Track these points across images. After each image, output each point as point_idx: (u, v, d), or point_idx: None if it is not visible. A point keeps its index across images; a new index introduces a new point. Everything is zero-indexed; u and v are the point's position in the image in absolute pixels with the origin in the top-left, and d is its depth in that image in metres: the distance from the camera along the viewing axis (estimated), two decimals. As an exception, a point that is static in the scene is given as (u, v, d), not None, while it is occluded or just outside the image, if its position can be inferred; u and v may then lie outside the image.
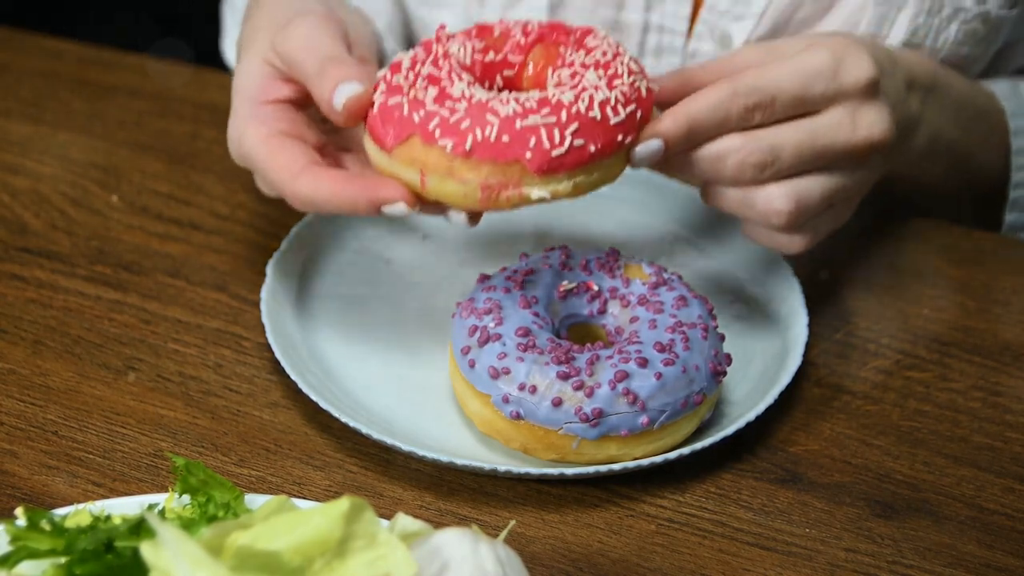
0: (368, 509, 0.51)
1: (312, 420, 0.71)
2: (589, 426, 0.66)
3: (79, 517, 0.57)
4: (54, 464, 0.69)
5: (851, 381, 0.76)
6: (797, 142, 0.71)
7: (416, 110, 0.66)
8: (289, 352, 0.73)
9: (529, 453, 0.68)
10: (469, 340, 0.69)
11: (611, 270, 0.73)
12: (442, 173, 0.66)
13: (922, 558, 0.65)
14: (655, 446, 0.68)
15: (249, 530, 0.50)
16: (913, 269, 0.85)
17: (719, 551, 0.65)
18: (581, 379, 0.66)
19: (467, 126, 0.65)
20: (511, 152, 0.65)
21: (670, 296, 0.71)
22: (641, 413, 0.66)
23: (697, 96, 0.70)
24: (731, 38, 0.91)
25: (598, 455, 0.67)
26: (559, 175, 0.66)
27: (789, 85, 0.71)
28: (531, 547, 0.65)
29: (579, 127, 0.66)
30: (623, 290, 0.72)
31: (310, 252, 0.82)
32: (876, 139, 0.73)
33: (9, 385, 0.74)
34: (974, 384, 0.76)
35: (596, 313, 0.72)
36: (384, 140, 0.68)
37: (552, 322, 0.71)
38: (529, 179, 0.66)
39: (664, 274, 0.72)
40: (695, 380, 0.67)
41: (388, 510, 0.66)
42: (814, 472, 0.70)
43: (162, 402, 0.73)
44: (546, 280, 0.72)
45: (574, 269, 0.73)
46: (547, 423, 0.66)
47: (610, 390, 0.65)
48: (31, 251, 0.83)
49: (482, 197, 0.66)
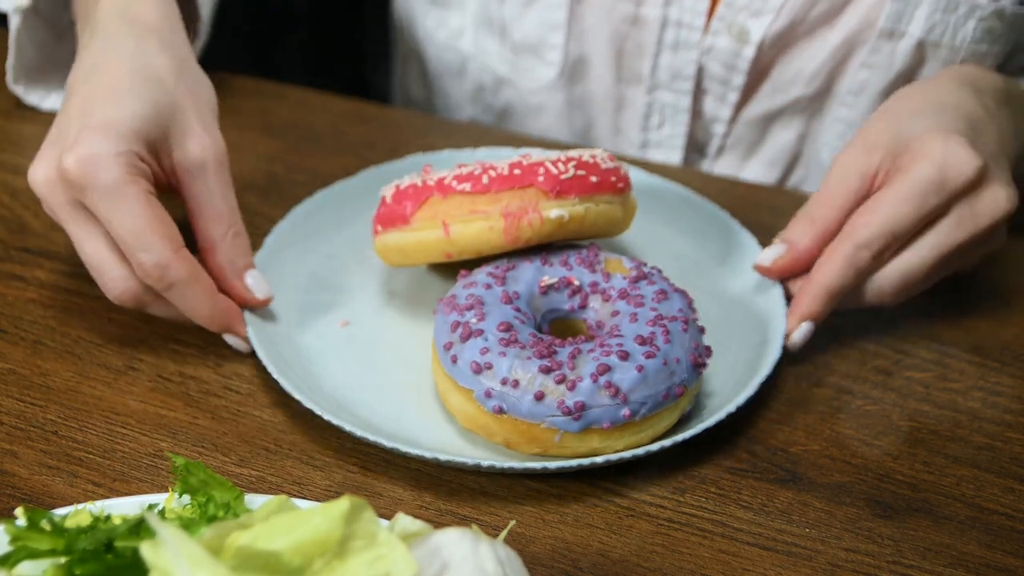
0: (368, 509, 0.51)
1: (312, 420, 0.71)
2: (571, 419, 0.66)
3: (79, 517, 0.57)
4: (54, 464, 0.69)
5: (851, 381, 0.76)
6: (925, 264, 0.75)
7: (428, 181, 0.73)
8: (272, 352, 0.73)
9: (512, 447, 0.68)
10: (451, 336, 0.69)
11: (592, 265, 0.73)
12: (464, 215, 0.71)
13: (922, 558, 0.65)
14: (637, 438, 0.68)
15: (249, 530, 0.50)
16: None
17: (719, 551, 0.66)
18: (563, 373, 0.66)
19: (479, 172, 0.72)
20: (525, 179, 0.72)
21: (651, 290, 0.71)
22: (623, 405, 0.66)
23: (825, 266, 0.75)
24: (748, 33, 0.91)
25: (580, 448, 0.67)
26: (571, 197, 0.72)
27: (904, 216, 0.74)
28: (531, 547, 0.65)
29: (577, 164, 0.73)
30: (604, 284, 0.72)
31: (291, 251, 0.82)
32: (1000, 217, 0.76)
33: (9, 385, 0.74)
34: (974, 384, 0.76)
35: (577, 308, 0.73)
36: (403, 213, 0.73)
37: (534, 317, 0.71)
38: (545, 202, 0.72)
39: (644, 268, 0.73)
40: (676, 372, 0.68)
41: (388, 510, 0.66)
42: (814, 472, 0.70)
43: (162, 402, 0.73)
44: (527, 276, 0.72)
45: (555, 265, 0.73)
46: (529, 417, 0.66)
47: (592, 383, 0.66)
48: (31, 251, 0.83)
49: (506, 225, 0.71)
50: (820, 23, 0.90)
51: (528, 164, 0.72)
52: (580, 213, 0.72)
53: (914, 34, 0.88)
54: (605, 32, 0.96)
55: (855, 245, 0.74)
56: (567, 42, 0.98)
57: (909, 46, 0.89)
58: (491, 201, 0.71)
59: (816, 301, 0.75)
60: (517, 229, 0.71)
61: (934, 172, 0.74)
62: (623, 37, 0.96)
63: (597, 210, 0.73)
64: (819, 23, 0.90)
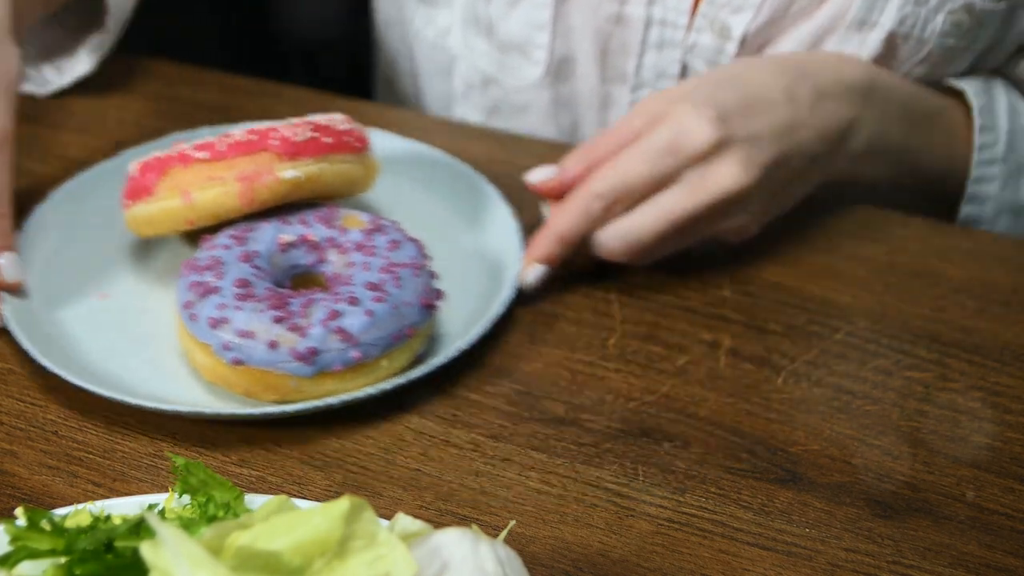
0: (368, 509, 0.51)
1: (312, 420, 0.71)
2: (304, 364, 0.69)
3: (79, 517, 0.57)
4: (54, 464, 0.69)
5: (851, 381, 0.76)
6: (649, 224, 0.79)
7: (172, 152, 0.77)
8: (30, 328, 0.75)
9: (253, 396, 0.71)
10: (190, 295, 0.72)
11: (329, 222, 0.77)
12: (203, 182, 0.75)
13: (922, 558, 0.65)
14: (370, 378, 0.71)
15: (249, 530, 0.50)
16: (913, 269, 0.85)
17: (719, 551, 0.65)
18: (295, 321, 0.69)
19: (216, 140, 0.76)
20: (259, 144, 0.75)
21: (384, 240, 0.75)
22: (353, 348, 0.69)
23: (560, 212, 0.80)
24: (730, 29, 0.91)
25: (317, 391, 0.71)
26: (305, 159, 0.76)
27: (637, 173, 0.79)
28: (531, 547, 0.65)
29: (311, 127, 0.77)
30: (340, 239, 0.76)
31: (52, 232, 0.84)
32: (726, 193, 0.79)
33: (9, 385, 0.74)
34: (974, 384, 0.76)
35: (316, 263, 0.76)
36: (147, 185, 0.76)
37: (274, 274, 0.74)
38: (279, 164, 0.75)
39: (382, 222, 0.77)
40: (406, 315, 0.72)
41: (388, 510, 0.66)
42: (814, 472, 0.70)
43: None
44: (267, 236, 0.75)
45: (293, 224, 0.76)
46: (265, 365, 0.69)
47: (323, 329, 0.69)
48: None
49: (242, 188, 0.75)
50: (800, 16, 0.90)
51: (263, 130, 0.76)
52: (315, 173, 0.76)
53: (885, 25, 0.88)
54: (590, 31, 0.96)
55: (589, 194, 0.79)
56: (552, 41, 0.98)
57: (879, 38, 0.89)
58: (228, 167, 0.75)
59: (548, 245, 0.80)
60: (253, 192, 0.75)
61: (670, 136, 0.79)
62: (608, 36, 0.96)
63: (333, 169, 0.77)
64: (799, 16, 0.90)
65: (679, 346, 0.78)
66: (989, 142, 0.92)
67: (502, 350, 0.77)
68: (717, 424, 0.73)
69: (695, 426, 0.73)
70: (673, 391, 0.75)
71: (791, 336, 0.79)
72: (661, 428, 0.72)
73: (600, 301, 0.81)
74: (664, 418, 0.73)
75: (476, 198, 0.87)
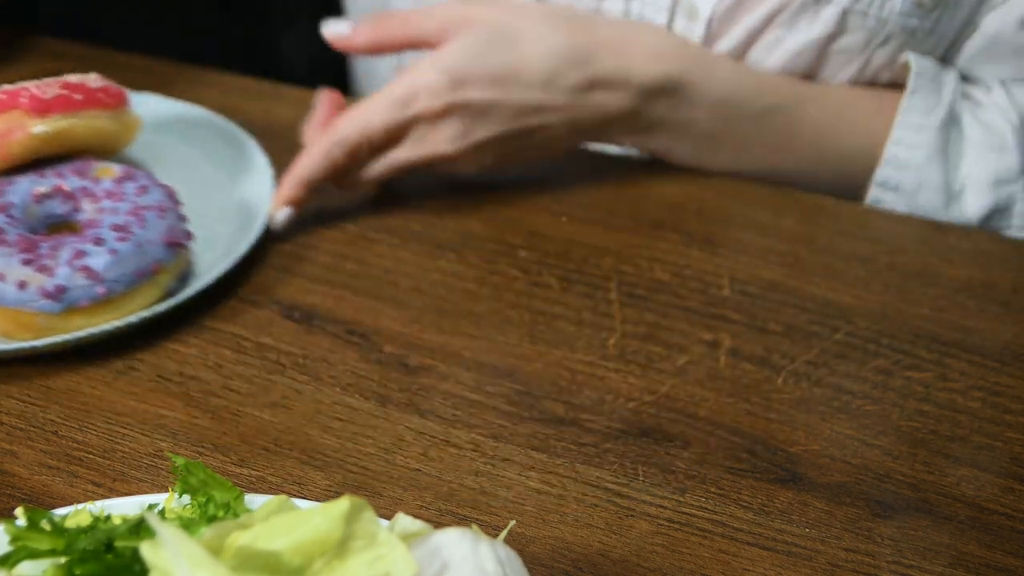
0: (368, 509, 0.51)
1: (312, 420, 0.72)
2: (53, 302, 0.74)
3: (79, 517, 0.57)
4: (54, 464, 0.69)
5: (851, 381, 0.76)
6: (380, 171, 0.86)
7: None
8: None
9: (9, 336, 0.75)
10: None
11: (83, 173, 0.81)
12: None
13: (922, 558, 0.65)
14: (118, 313, 0.76)
15: (249, 530, 0.50)
16: (913, 269, 0.85)
17: (719, 551, 0.66)
18: (43, 263, 0.74)
19: None
20: (10, 103, 0.79)
21: (133, 186, 0.80)
22: (98, 284, 0.74)
23: (305, 157, 0.84)
24: (697, 11, 0.91)
25: (67, 327, 0.75)
26: (55, 115, 0.79)
27: (375, 122, 0.84)
28: (531, 547, 0.65)
29: (62, 85, 0.81)
30: (93, 188, 0.80)
31: None
32: (443, 156, 0.86)
33: (9, 385, 0.74)
34: (974, 384, 0.76)
35: (72, 212, 0.80)
36: None
37: (30, 223, 0.79)
38: (30, 120, 0.79)
39: (133, 171, 0.81)
40: (149, 253, 0.76)
41: (388, 510, 0.66)
42: (814, 472, 0.70)
43: (162, 402, 0.73)
44: (22, 188, 0.80)
45: (48, 176, 0.81)
46: (16, 304, 0.74)
47: (68, 268, 0.74)
48: (31, 251, 0.83)
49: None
50: None
51: (13, 90, 0.80)
52: (65, 128, 0.80)
53: (840, 2, 0.87)
54: None
55: (331, 140, 0.84)
56: None
57: (834, 13, 0.88)
58: None
59: (293, 188, 0.84)
60: (7, 147, 0.79)
61: (406, 90, 0.84)
62: None
63: (84, 124, 0.81)
64: None
65: (679, 346, 0.78)
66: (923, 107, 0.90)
67: (501, 350, 0.77)
68: (717, 424, 0.73)
69: (695, 426, 0.73)
70: (673, 391, 0.75)
71: (791, 336, 0.79)
72: (661, 428, 0.72)
73: (600, 301, 0.81)
74: (664, 418, 0.73)
75: (239, 153, 0.91)
